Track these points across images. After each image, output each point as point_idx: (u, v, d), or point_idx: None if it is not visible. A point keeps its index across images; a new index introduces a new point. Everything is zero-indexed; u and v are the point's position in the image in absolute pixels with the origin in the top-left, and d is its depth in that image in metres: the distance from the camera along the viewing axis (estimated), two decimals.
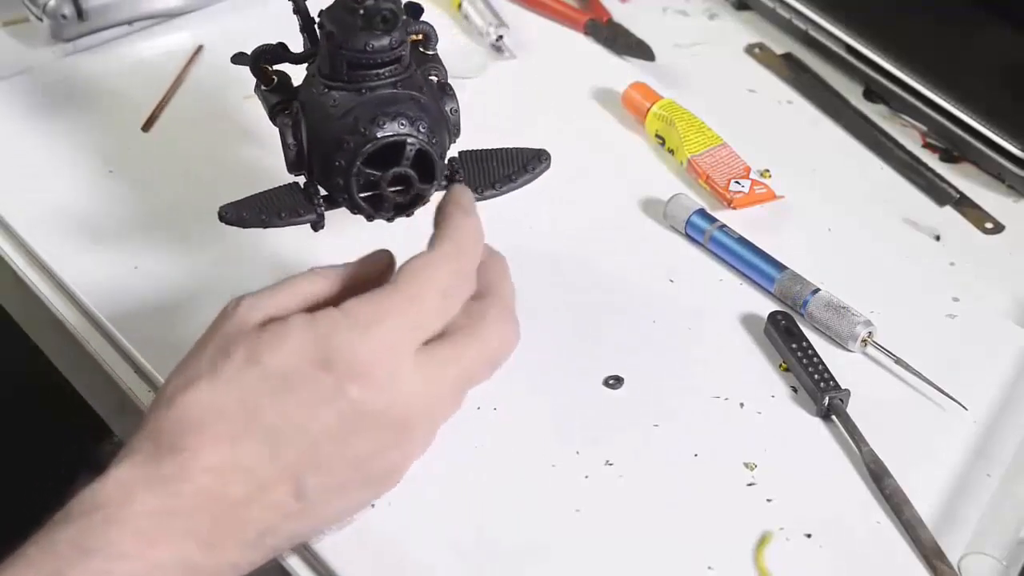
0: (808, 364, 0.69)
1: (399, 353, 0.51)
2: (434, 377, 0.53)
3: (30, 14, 0.88)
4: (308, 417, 0.49)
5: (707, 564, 0.60)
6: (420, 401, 0.52)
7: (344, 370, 0.50)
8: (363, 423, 0.50)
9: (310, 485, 0.50)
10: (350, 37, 0.63)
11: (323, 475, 0.50)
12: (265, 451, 0.49)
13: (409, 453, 0.54)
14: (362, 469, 0.52)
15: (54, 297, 0.73)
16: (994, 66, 0.92)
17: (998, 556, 0.63)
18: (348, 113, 0.63)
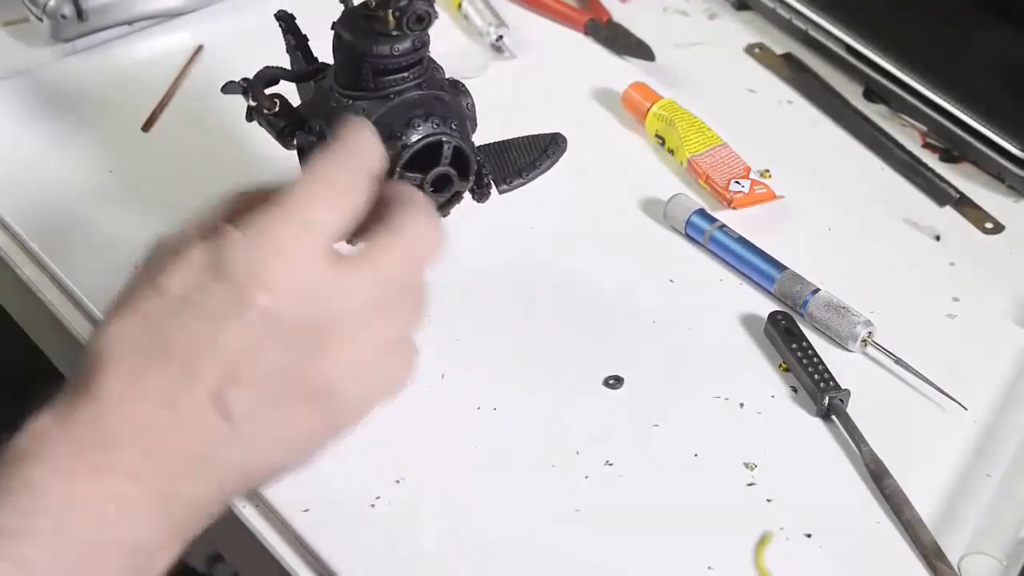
0: (808, 364, 0.69)
1: (301, 254, 0.48)
2: (347, 276, 0.49)
3: (30, 14, 0.88)
4: (215, 331, 0.47)
5: (707, 564, 0.60)
6: (336, 304, 0.48)
7: (244, 278, 0.47)
8: (275, 330, 0.47)
9: (234, 403, 0.47)
10: (374, 44, 0.63)
11: (246, 390, 0.47)
12: (177, 372, 0.46)
13: (340, 362, 0.49)
14: (289, 381, 0.48)
15: (54, 297, 0.73)
16: (994, 66, 0.92)
17: (998, 556, 0.63)
18: (380, 120, 0.63)
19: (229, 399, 0.47)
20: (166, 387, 0.46)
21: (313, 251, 0.48)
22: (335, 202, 0.49)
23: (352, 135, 0.51)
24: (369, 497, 0.62)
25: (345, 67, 0.64)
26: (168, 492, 0.46)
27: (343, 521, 0.61)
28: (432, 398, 0.67)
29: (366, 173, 0.51)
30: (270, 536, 0.61)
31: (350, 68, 0.64)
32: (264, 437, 0.48)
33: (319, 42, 0.70)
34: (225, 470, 0.48)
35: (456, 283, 0.74)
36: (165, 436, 0.46)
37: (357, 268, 0.49)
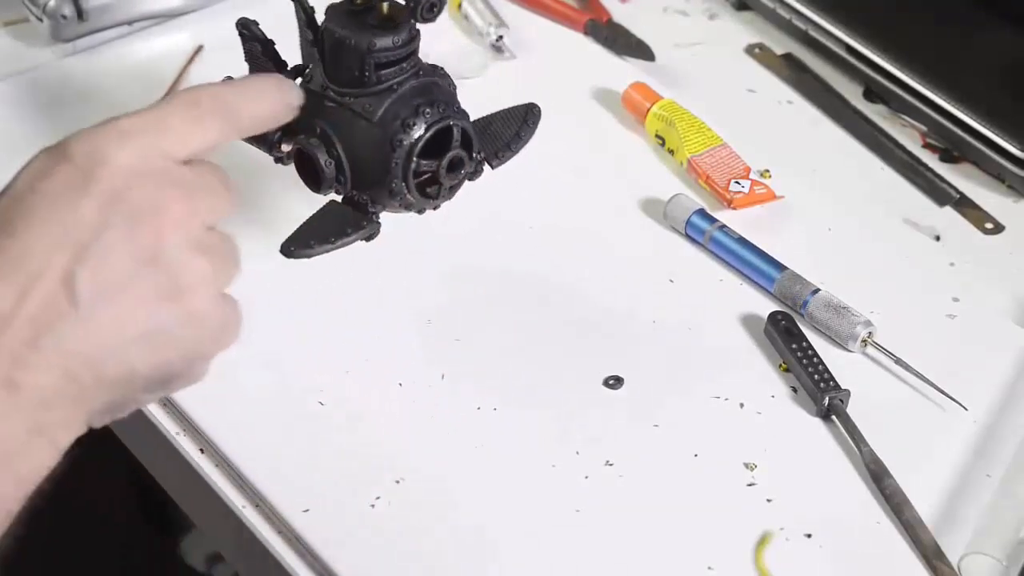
0: (808, 364, 0.69)
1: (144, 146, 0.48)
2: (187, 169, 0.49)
3: (30, 14, 0.88)
4: (58, 209, 0.46)
5: (707, 564, 0.60)
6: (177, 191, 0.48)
7: (85, 158, 0.47)
8: (117, 208, 0.46)
9: (80, 277, 0.45)
10: (375, 38, 0.63)
11: (91, 266, 0.46)
12: (19, 251, 0.45)
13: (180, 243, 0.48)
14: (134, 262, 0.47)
15: None
16: (994, 66, 0.92)
17: (998, 556, 0.63)
18: (387, 113, 0.63)
19: (73, 277, 0.45)
20: (6, 270, 0.45)
21: (157, 145, 0.48)
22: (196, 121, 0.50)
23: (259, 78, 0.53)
24: (369, 497, 0.62)
25: (340, 65, 0.64)
26: (10, 380, 0.45)
27: (343, 521, 0.61)
28: (432, 398, 0.67)
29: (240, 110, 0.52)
30: (270, 536, 0.61)
31: (347, 65, 0.64)
32: (109, 321, 0.46)
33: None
34: (70, 357, 0.46)
35: (456, 283, 0.74)
36: (2, 317, 0.45)
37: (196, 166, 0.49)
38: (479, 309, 0.73)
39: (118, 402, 0.48)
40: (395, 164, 0.63)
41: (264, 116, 0.53)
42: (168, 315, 0.47)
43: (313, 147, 0.64)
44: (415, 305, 0.73)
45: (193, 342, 0.48)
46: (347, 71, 0.64)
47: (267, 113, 0.53)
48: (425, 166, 0.64)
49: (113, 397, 0.48)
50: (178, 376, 0.50)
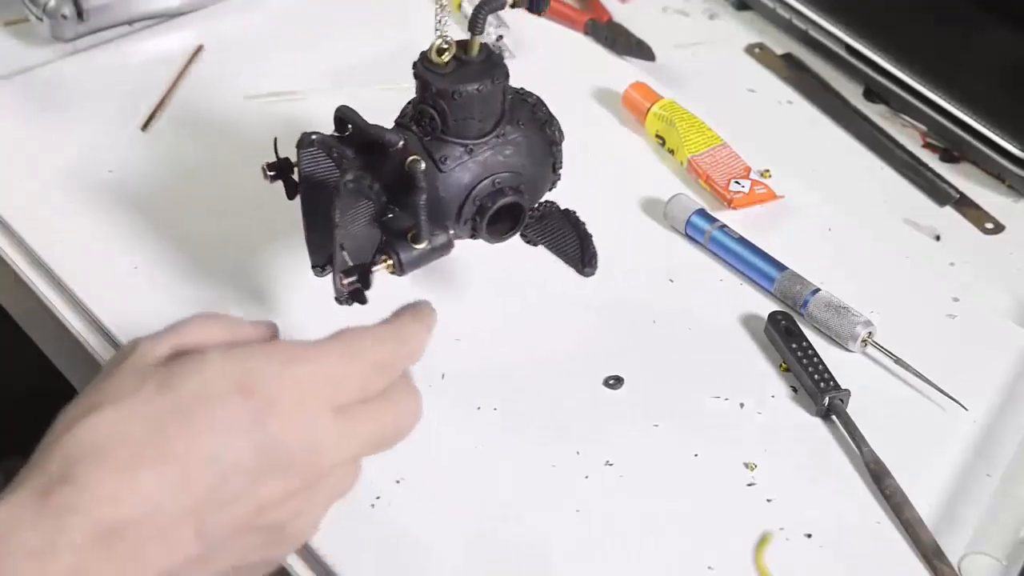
0: (808, 364, 0.69)
1: (318, 398, 0.48)
2: (347, 433, 0.49)
3: (30, 14, 0.88)
4: (221, 446, 0.45)
5: (707, 564, 0.60)
6: (331, 453, 0.48)
7: (263, 400, 0.46)
8: (276, 461, 0.46)
9: (213, 524, 0.45)
10: (502, 72, 0.66)
11: (228, 514, 0.46)
12: (170, 481, 0.44)
13: (310, 508, 0.49)
14: (266, 513, 0.47)
15: (54, 297, 0.73)
16: (994, 66, 0.92)
17: (998, 556, 0.63)
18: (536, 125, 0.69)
19: (210, 520, 0.45)
20: (153, 495, 0.44)
21: (328, 401, 0.48)
22: (367, 386, 0.50)
23: (412, 329, 0.52)
24: (369, 497, 0.62)
25: (487, 113, 0.65)
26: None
27: (343, 521, 0.61)
28: (432, 398, 0.67)
29: (404, 366, 0.52)
30: None
31: (491, 110, 0.65)
32: (224, 560, 0.47)
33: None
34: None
35: (456, 283, 0.74)
36: (137, 547, 0.44)
37: (360, 427, 0.50)
38: (479, 309, 0.73)
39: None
40: (556, 150, 0.68)
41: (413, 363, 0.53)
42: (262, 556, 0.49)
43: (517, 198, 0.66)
44: None
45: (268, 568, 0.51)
46: (495, 112, 0.66)
47: (416, 361, 0.53)
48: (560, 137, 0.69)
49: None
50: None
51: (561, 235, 0.75)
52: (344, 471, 0.50)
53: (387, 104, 0.68)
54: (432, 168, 0.64)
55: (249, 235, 0.75)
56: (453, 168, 0.65)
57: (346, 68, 0.89)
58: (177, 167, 0.81)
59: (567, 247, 0.75)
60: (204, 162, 0.81)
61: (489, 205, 0.65)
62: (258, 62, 0.89)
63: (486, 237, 0.66)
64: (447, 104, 0.64)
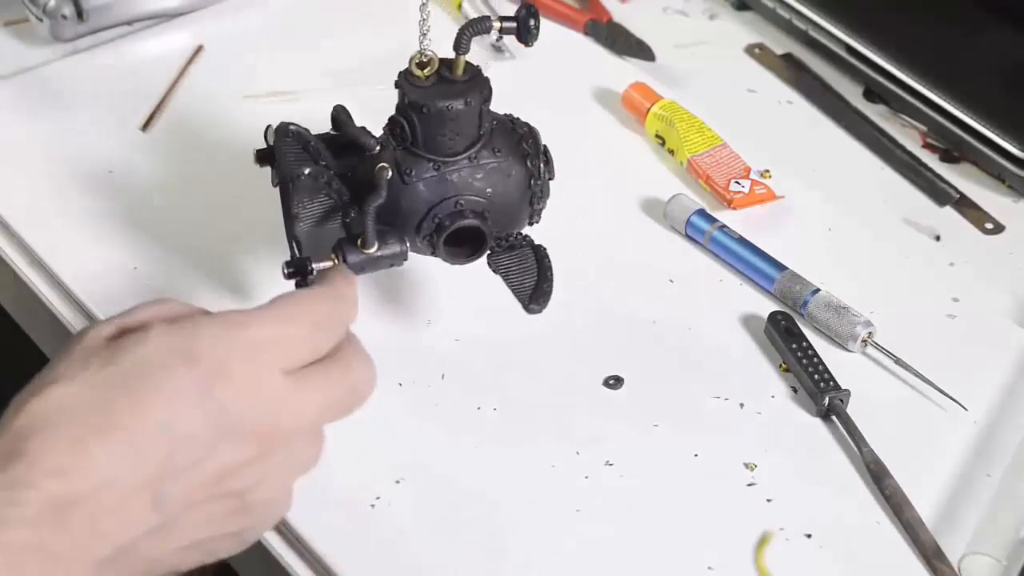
0: (808, 364, 0.69)
1: (266, 361, 0.48)
2: (301, 396, 0.49)
3: (30, 14, 0.88)
4: (168, 414, 0.45)
5: (707, 564, 0.60)
6: (286, 418, 0.48)
7: (210, 366, 0.46)
8: (228, 427, 0.46)
9: (169, 494, 0.45)
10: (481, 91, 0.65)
11: (183, 483, 0.46)
12: (119, 451, 0.44)
13: (272, 478, 0.49)
14: (224, 483, 0.47)
15: (54, 297, 0.73)
16: (994, 66, 0.92)
17: (998, 556, 0.63)
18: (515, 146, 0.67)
19: (165, 490, 0.45)
20: (104, 466, 0.44)
21: (276, 364, 0.48)
22: (313, 347, 0.50)
23: (342, 286, 0.53)
24: (369, 497, 0.62)
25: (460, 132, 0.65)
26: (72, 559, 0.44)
27: (343, 521, 0.61)
28: (432, 398, 0.67)
29: (344, 324, 0.52)
30: (270, 536, 0.61)
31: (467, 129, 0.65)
32: (184, 537, 0.47)
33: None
34: (139, 562, 0.46)
35: (455, 283, 0.74)
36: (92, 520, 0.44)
37: (313, 393, 0.49)
38: (479, 309, 0.73)
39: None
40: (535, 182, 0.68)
41: (351, 321, 0.53)
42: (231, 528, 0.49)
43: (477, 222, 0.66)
44: (415, 305, 0.73)
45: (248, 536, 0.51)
46: (469, 133, 0.65)
47: (353, 317, 0.53)
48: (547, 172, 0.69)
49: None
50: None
51: (525, 269, 0.74)
52: (306, 440, 0.50)
53: (386, 104, 0.68)
54: (396, 178, 0.64)
55: (249, 235, 0.75)
56: (417, 182, 0.65)
57: (346, 68, 0.89)
58: (177, 167, 0.81)
59: (526, 282, 0.72)
60: (204, 162, 0.81)
61: (447, 224, 0.65)
62: (258, 62, 0.89)
63: (444, 256, 0.67)
64: (417, 117, 0.64)
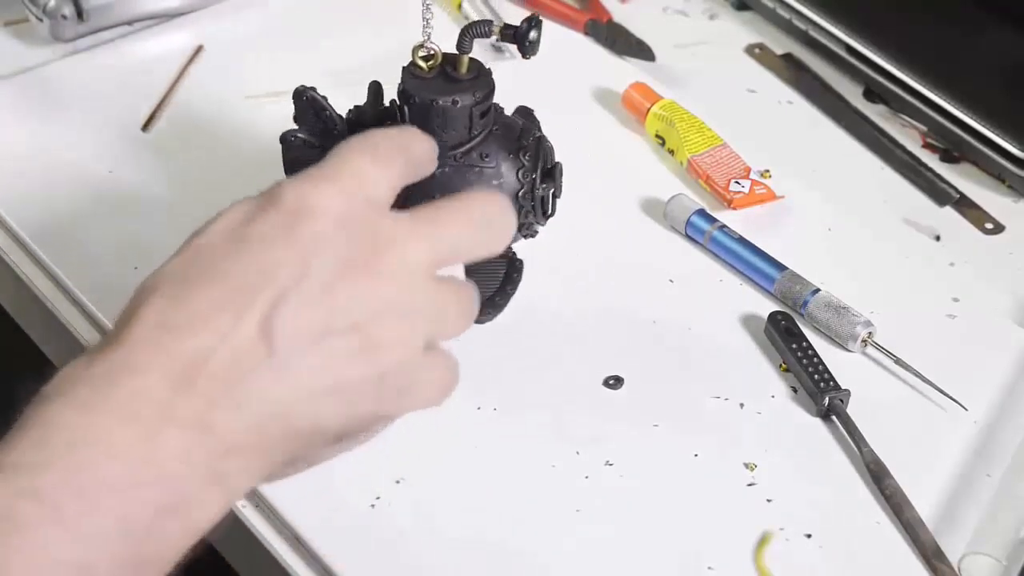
0: (808, 364, 0.69)
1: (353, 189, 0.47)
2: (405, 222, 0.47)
3: (30, 14, 0.88)
4: (261, 254, 0.45)
5: (707, 564, 0.60)
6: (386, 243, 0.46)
7: (294, 204, 0.45)
8: (323, 255, 0.45)
9: (277, 326, 0.44)
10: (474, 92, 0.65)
11: (290, 315, 0.44)
12: (219, 295, 0.44)
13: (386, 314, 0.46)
14: (334, 312, 0.45)
15: (54, 297, 0.73)
16: (994, 66, 0.92)
17: (998, 556, 0.63)
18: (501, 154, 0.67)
19: (273, 322, 0.44)
20: (206, 311, 0.44)
21: (359, 189, 0.47)
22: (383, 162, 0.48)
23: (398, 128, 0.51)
24: (369, 497, 0.62)
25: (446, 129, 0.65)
26: (201, 422, 0.43)
27: (343, 521, 0.61)
28: None
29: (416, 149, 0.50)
30: (270, 536, 0.61)
31: (455, 127, 0.65)
32: (302, 372, 0.44)
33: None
34: (263, 404, 0.44)
35: None
36: (200, 359, 0.43)
37: (416, 223, 0.47)
38: None
39: (298, 456, 0.47)
40: (524, 196, 0.67)
41: (428, 155, 0.51)
42: (360, 373, 0.46)
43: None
44: None
45: (383, 403, 0.47)
46: (455, 133, 0.65)
47: (430, 153, 0.51)
48: (543, 189, 0.67)
49: (295, 451, 0.46)
50: (358, 434, 0.49)
51: (494, 278, 0.73)
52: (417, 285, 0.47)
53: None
54: None
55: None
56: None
57: (346, 68, 0.89)
58: (177, 167, 0.81)
59: (487, 291, 0.72)
60: (204, 162, 0.81)
61: None
62: (258, 62, 0.89)
63: None
64: (407, 107, 0.65)
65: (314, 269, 0.45)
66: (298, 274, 0.45)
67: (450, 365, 0.50)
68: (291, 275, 0.45)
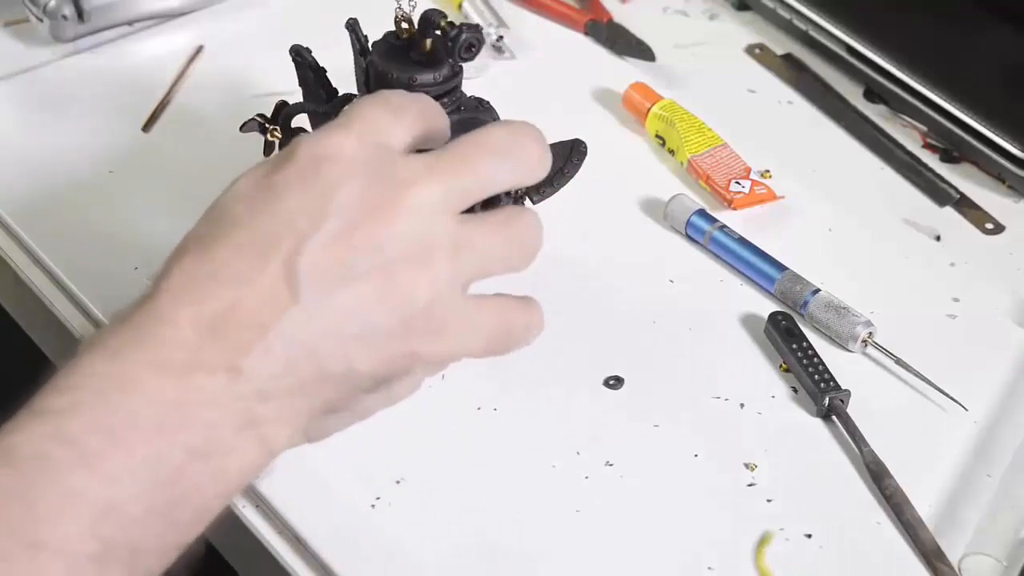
0: (808, 364, 0.69)
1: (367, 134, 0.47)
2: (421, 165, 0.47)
3: (30, 14, 0.88)
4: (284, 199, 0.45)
5: (707, 564, 0.60)
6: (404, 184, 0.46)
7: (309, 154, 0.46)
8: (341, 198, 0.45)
9: (301, 265, 0.44)
10: (417, 74, 0.64)
11: (313, 254, 0.44)
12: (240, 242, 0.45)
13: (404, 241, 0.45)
14: (357, 253, 0.45)
15: (54, 297, 0.73)
16: (994, 66, 0.92)
17: (998, 556, 0.63)
18: None
19: (296, 266, 0.44)
20: (230, 260, 0.45)
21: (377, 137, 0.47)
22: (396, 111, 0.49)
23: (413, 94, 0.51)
24: (369, 497, 0.62)
25: None
26: (231, 366, 0.43)
27: (343, 521, 0.61)
28: (432, 398, 0.67)
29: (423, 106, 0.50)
30: (270, 536, 0.61)
31: None
32: (330, 312, 0.45)
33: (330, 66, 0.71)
34: (290, 346, 0.44)
35: None
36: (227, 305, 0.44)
37: (437, 158, 0.47)
38: None
39: (338, 404, 0.47)
40: None
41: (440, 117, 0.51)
42: (385, 312, 0.45)
43: None
44: None
45: (414, 344, 0.46)
46: None
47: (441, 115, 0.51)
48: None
49: (332, 395, 0.46)
50: (399, 379, 0.49)
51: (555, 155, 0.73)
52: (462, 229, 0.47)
53: None
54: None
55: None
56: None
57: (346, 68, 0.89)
58: (178, 167, 0.81)
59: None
60: (205, 162, 0.81)
61: None
62: (258, 62, 0.89)
63: None
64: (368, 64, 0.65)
65: (332, 212, 0.45)
66: (317, 218, 0.45)
67: (501, 309, 0.50)
68: (310, 220, 0.45)
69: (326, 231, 0.45)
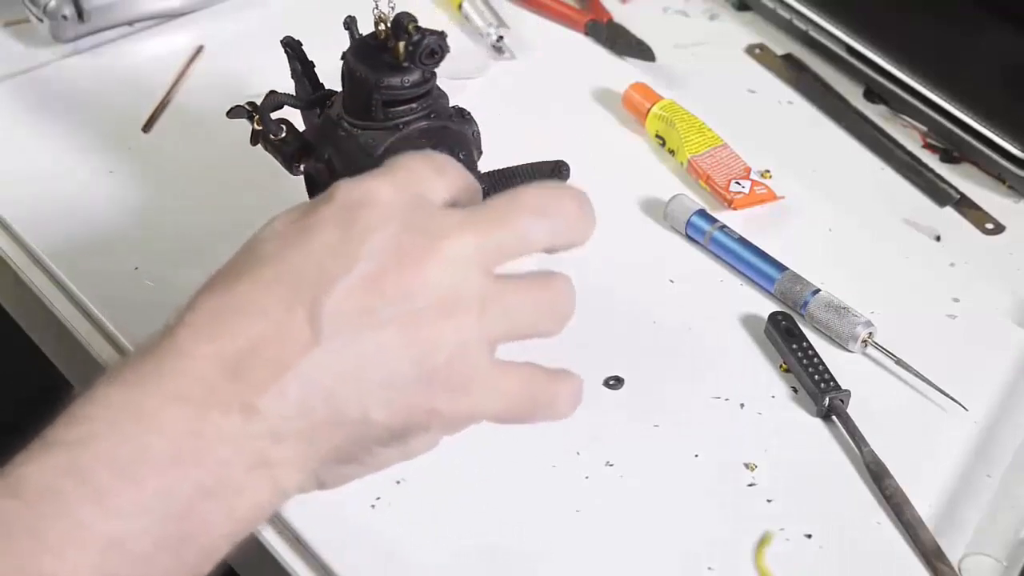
0: (808, 364, 0.69)
1: (407, 186, 0.47)
2: (458, 219, 0.46)
3: (30, 15, 0.88)
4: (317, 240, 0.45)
5: (707, 564, 0.60)
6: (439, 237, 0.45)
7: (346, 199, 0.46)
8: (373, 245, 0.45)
9: (325, 307, 0.44)
10: (385, 76, 0.63)
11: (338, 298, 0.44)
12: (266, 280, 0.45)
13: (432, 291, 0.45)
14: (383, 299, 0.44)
15: (54, 297, 0.73)
16: (994, 66, 0.92)
17: (998, 556, 0.63)
18: (388, 150, 0.63)
19: (321, 308, 0.44)
20: (255, 297, 0.44)
21: (416, 188, 0.47)
22: (438, 167, 0.49)
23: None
24: (369, 497, 0.62)
25: (354, 97, 0.65)
26: (247, 405, 0.43)
27: (343, 521, 0.61)
28: None
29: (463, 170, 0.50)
30: (270, 536, 0.61)
31: (359, 98, 0.64)
32: (349, 357, 0.44)
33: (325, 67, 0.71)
34: (308, 387, 0.44)
35: None
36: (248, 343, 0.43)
37: (470, 213, 0.47)
38: None
39: (349, 451, 0.46)
40: None
41: (475, 186, 0.51)
42: (407, 363, 0.45)
43: (317, 172, 0.65)
44: None
45: (432, 400, 0.45)
46: (359, 104, 0.64)
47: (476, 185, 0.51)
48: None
49: (344, 442, 0.45)
50: (416, 435, 0.47)
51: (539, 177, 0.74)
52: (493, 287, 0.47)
53: None
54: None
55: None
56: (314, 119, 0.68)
57: None
58: (178, 167, 0.81)
59: None
60: (205, 162, 0.81)
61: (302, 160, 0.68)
62: (258, 62, 0.89)
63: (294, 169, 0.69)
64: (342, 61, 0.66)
65: (363, 256, 0.45)
66: (347, 261, 0.44)
67: (528, 377, 0.49)
68: (340, 262, 0.44)
69: (355, 274, 0.44)
